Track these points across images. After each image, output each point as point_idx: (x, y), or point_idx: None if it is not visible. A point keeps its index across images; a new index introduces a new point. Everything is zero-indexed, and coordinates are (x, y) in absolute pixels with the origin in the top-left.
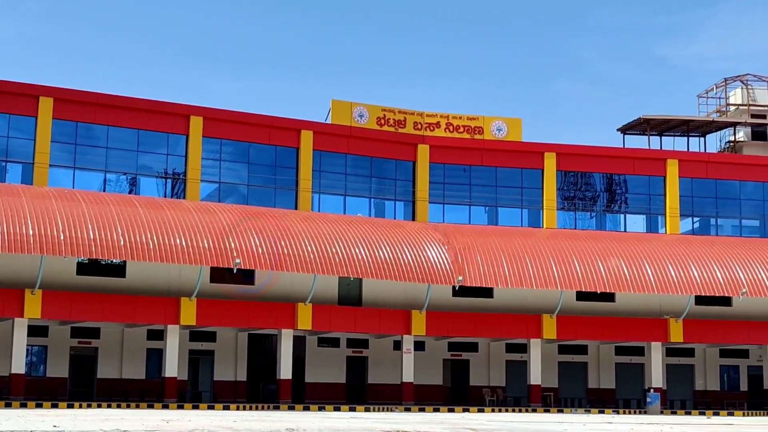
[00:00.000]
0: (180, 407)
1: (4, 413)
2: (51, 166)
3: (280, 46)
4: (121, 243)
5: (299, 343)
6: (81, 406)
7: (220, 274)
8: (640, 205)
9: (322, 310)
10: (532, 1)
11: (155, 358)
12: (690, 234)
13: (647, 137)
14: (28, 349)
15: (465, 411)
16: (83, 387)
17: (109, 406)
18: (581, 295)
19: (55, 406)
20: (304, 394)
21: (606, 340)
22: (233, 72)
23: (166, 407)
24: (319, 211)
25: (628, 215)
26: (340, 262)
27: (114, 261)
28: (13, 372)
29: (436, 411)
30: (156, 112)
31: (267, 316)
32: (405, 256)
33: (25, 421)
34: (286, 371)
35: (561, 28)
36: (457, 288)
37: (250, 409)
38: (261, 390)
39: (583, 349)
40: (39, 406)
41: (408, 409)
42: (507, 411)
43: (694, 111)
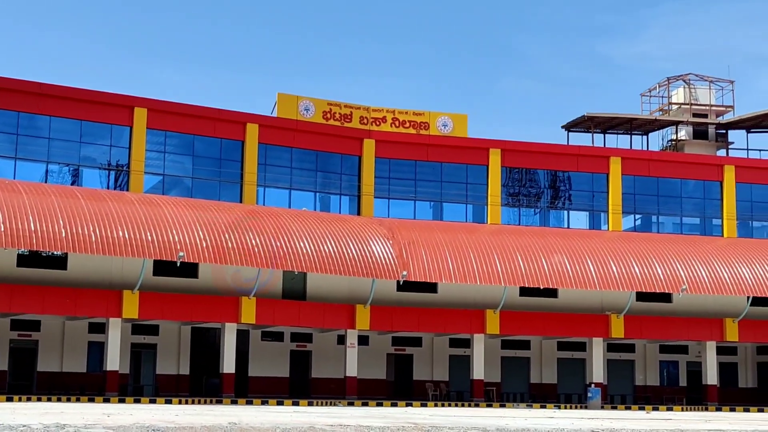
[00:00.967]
0: (121, 401)
1: None
2: None
3: (226, 38)
4: (63, 235)
5: (243, 336)
6: (20, 400)
7: (164, 267)
8: (583, 201)
9: (266, 304)
10: None
11: (97, 352)
12: (632, 231)
13: (591, 135)
14: None
15: (408, 405)
16: (23, 380)
17: (49, 400)
18: (524, 291)
19: None
20: (247, 389)
21: (548, 335)
22: (179, 64)
23: (107, 401)
24: (264, 204)
25: (571, 212)
26: (284, 255)
27: (55, 253)
28: None
29: (380, 405)
30: (100, 103)
31: (210, 310)
32: (350, 251)
33: None
34: (229, 365)
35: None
36: (401, 283)
37: (193, 403)
38: (204, 384)
39: (525, 345)
40: None
41: (351, 404)
42: (450, 405)
43: (637, 109)
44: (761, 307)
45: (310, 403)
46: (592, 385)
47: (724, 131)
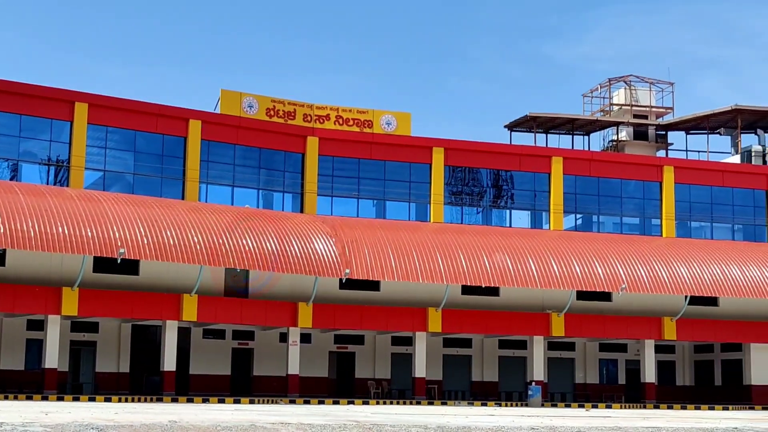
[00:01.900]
0: (60, 399)
1: None
2: None
3: (169, 34)
4: (1, 231)
5: (184, 334)
6: None
7: (104, 264)
8: (525, 201)
9: (208, 302)
10: None
11: (35, 349)
12: (573, 230)
13: (534, 134)
14: None
15: (350, 403)
16: None
17: None
18: (466, 289)
19: None
20: (188, 387)
21: (490, 333)
22: (121, 59)
23: (45, 399)
24: (206, 201)
25: (513, 211)
26: (226, 253)
27: None
28: None
29: (321, 403)
30: (40, 98)
31: (151, 307)
32: (292, 249)
33: None
34: (170, 363)
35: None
36: (344, 281)
37: (133, 401)
38: (144, 382)
39: (467, 343)
40: None
41: (293, 402)
42: (392, 403)
43: (579, 110)
44: (698, 306)
45: (252, 401)
46: (533, 383)
47: (664, 132)
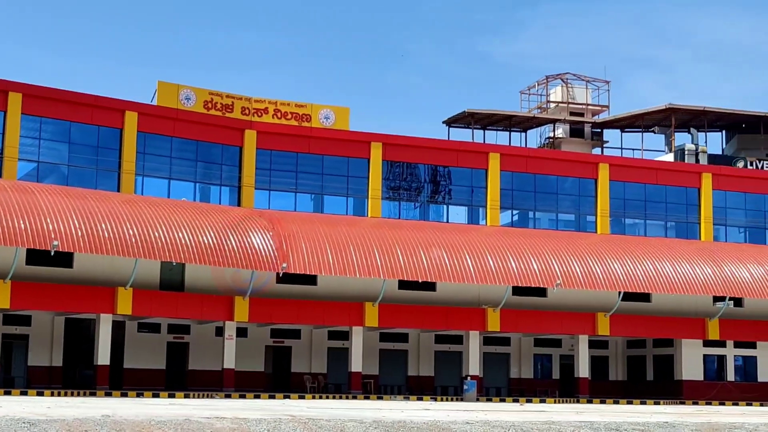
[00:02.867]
0: None
1: None
2: None
3: (106, 24)
4: None
5: (118, 328)
6: None
7: (37, 256)
8: (462, 196)
9: (143, 295)
10: None
11: None
12: (509, 226)
13: (471, 131)
14: None
15: (286, 398)
16: None
17: None
18: (403, 284)
19: None
20: (122, 381)
21: (426, 328)
22: (57, 49)
23: None
24: (142, 194)
25: (450, 206)
26: (162, 246)
27: None
28: None
29: (257, 398)
30: None
31: (85, 300)
32: (229, 242)
33: None
34: (104, 357)
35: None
36: (281, 275)
37: (66, 395)
38: (77, 376)
39: (403, 337)
40: None
41: (228, 396)
42: (328, 398)
43: (516, 107)
44: (632, 302)
45: (187, 396)
46: (468, 377)
47: (600, 130)
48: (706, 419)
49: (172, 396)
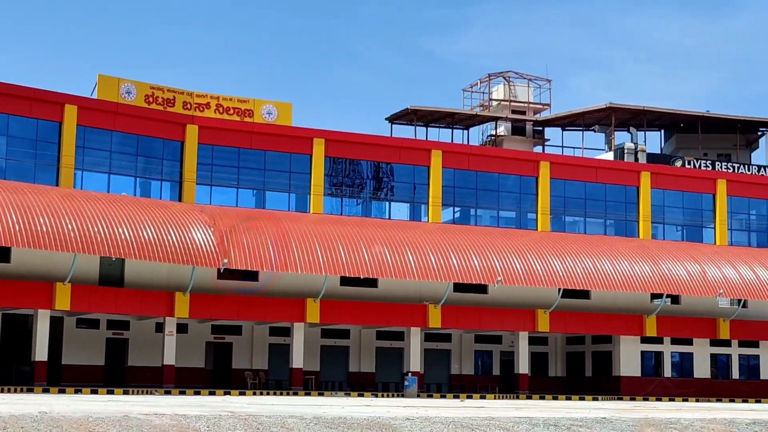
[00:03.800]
0: None
1: None
2: None
3: (46, 17)
4: None
5: (56, 323)
6: None
7: None
8: (404, 193)
9: (82, 291)
10: None
11: None
12: (451, 223)
13: (414, 127)
14: None
15: (226, 394)
16: None
17: None
18: (345, 280)
19: None
20: (60, 377)
21: (368, 324)
22: None
23: None
24: (81, 188)
25: (393, 203)
26: (101, 241)
27: None
28: None
29: (197, 394)
30: None
31: (23, 295)
32: (170, 238)
33: None
34: (41, 353)
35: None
36: (222, 271)
37: (2, 391)
38: (14, 372)
39: (345, 334)
40: None
41: (168, 392)
42: (268, 394)
43: (459, 104)
44: (571, 299)
45: (126, 392)
46: (409, 373)
47: (541, 128)
48: (643, 415)
49: (110, 392)
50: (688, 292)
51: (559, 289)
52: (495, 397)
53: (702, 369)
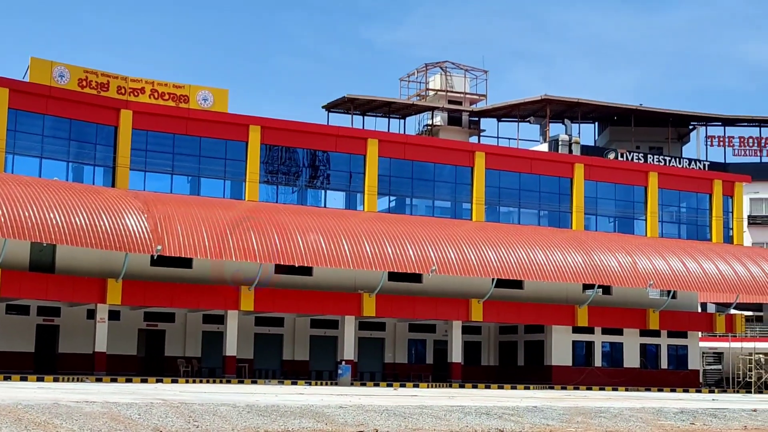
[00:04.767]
0: None
1: None
2: None
3: None
4: None
5: None
6: None
7: None
8: (340, 182)
9: (12, 276)
10: None
11: None
12: (386, 212)
13: (351, 116)
14: None
15: (158, 382)
16: None
17: None
18: (280, 268)
19: None
20: None
21: (302, 313)
22: None
23: None
24: (12, 173)
25: (328, 191)
26: (32, 226)
27: None
28: None
29: (129, 382)
30: None
31: None
32: (102, 223)
33: None
34: None
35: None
36: (155, 257)
37: None
38: None
39: (279, 322)
40: None
41: (100, 380)
42: (201, 382)
43: (396, 94)
44: (505, 289)
45: (56, 379)
46: (343, 362)
47: (477, 119)
48: (574, 403)
49: (41, 379)
50: (619, 282)
51: (492, 279)
52: (428, 386)
53: (632, 359)
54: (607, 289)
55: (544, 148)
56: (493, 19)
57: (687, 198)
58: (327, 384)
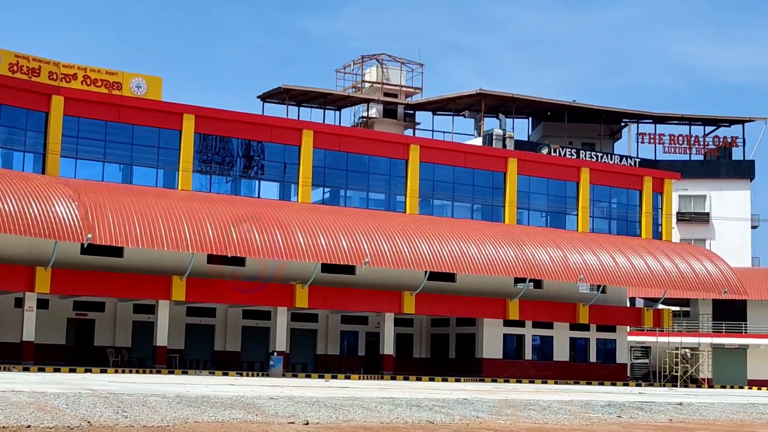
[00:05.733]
0: None
1: None
2: None
3: None
4: None
5: None
6: None
7: None
8: (275, 172)
9: None
10: None
11: None
12: (321, 204)
13: (286, 107)
14: None
15: (87, 372)
16: None
17: None
18: (212, 258)
19: None
20: None
21: (234, 303)
22: None
23: None
24: None
25: (263, 182)
26: None
27: None
28: None
29: (57, 371)
30: None
31: None
32: (31, 210)
33: None
34: None
35: None
36: (85, 246)
37: None
38: None
39: (211, 312)
40: None
41: (27, 369)
42: (131, 372)
43: (332, 85)
44: (437, 282)
45: None
46: (275, 353)
47: (413, 112)
48: (504, 396)
49: None
50: (550, 276)
51: (425, 272)
52: (360, 378)
53: (561, 352)
54: (538, 283)
55: (479, 142)
56: (430, 12)
57: (618, 194)
58: (258, 375)
